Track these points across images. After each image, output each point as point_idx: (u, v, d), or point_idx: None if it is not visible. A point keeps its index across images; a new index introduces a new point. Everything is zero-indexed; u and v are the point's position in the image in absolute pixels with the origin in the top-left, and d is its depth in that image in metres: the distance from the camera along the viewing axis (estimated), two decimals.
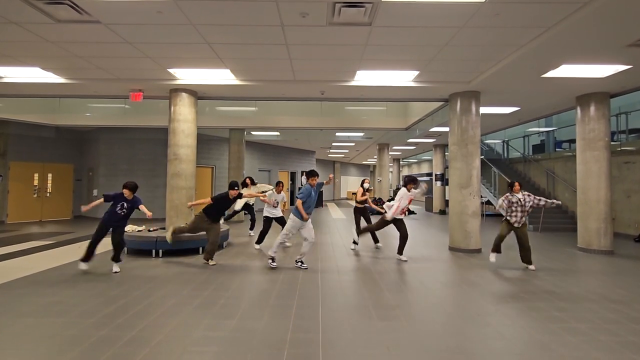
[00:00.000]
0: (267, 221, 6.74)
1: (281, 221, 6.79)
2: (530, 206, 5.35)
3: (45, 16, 4.09)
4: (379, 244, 7.10)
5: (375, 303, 3.84)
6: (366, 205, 7.38)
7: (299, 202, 5.16)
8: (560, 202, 5.58)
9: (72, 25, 4.37)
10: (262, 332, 3.07)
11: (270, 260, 5.30)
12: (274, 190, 6.91)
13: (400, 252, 5.98)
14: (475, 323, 3.33)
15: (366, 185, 7.50)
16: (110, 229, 4.99)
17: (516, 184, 5.45)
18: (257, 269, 5.28)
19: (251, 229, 8.61)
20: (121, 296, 3.97)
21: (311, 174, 5.34)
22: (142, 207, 5.07)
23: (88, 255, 4.96)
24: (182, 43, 4.91)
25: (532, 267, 5.39)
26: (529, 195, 5.40)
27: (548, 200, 5.35)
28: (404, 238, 5.95)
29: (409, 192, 5.90)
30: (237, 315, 3.45)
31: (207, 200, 5.60)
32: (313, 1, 3.76)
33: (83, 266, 4.96)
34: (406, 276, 4.97)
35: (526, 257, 5.42)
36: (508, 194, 5.49)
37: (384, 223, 6.08)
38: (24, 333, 3.00)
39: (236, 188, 5.56)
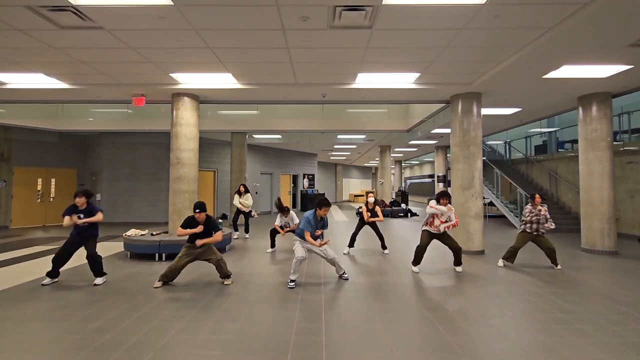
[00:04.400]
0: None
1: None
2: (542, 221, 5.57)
3: (49, 23, 4.13)
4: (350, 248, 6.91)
5: (378, 305, 3.84)
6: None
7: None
8: (554, 226, 5.55)
9: (76, 32, 4.42)
10: (265, 335, 3.08)
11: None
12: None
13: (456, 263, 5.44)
14: (478, 324, 3.32)
15: (371, 199, 6.88)
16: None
17: (537, 196, 5.58)
18: (260, 272, 5.29)
19: (246, 231, 8.91)
20: (125, 300, 3.98)
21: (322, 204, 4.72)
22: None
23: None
24: (184, 48, 4.95)
25: (558, 267, 5.53)
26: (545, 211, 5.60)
27: (551, 226, 5.48)
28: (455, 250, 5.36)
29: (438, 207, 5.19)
30: (241, 318, 3.46)
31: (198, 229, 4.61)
32: (314, 5, 3.78)
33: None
34: (408, 278, 4.96)
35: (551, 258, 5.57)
36: (530, 205, 5.60)
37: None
38: (29, 337, 3.02)
39: (197, 211, 4.59)
